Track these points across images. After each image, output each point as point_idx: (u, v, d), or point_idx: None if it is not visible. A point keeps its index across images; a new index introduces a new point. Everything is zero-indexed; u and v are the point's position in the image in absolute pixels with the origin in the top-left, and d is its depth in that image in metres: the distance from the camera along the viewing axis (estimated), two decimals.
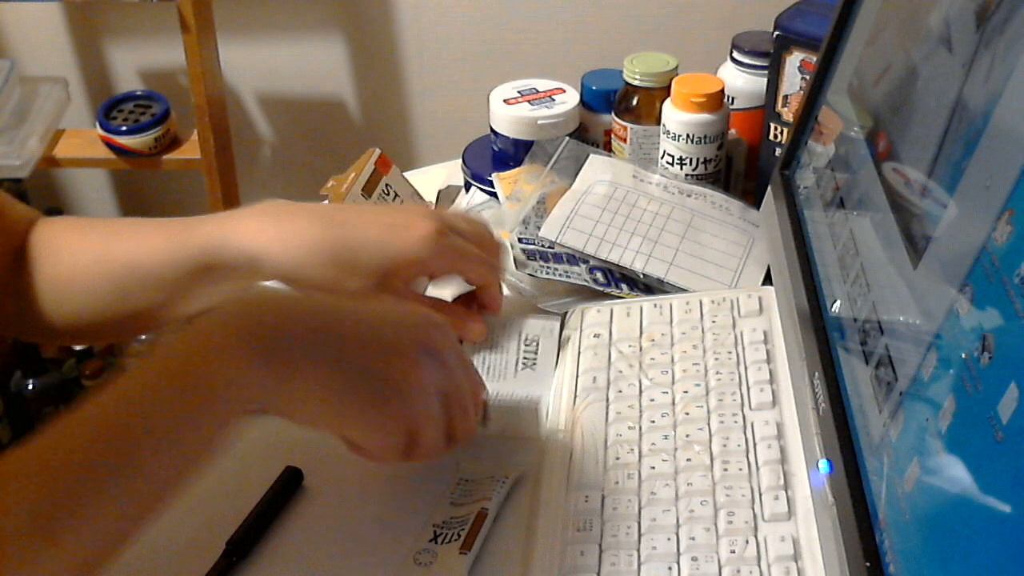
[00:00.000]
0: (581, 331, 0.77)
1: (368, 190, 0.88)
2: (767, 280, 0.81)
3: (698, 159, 0.89)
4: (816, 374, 0.61)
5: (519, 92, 0.99)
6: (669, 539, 0.60)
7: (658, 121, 0.91)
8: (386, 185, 0.90)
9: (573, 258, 0.83)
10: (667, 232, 0.84)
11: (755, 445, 0.65)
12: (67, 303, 0.73)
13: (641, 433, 0.67)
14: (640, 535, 0.60)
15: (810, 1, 0.87)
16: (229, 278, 0.69)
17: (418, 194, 0.94)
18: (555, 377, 0.75)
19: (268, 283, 0.68)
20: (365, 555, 0.64)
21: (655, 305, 0.78)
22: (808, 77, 0.81)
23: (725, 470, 0.63)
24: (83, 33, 1.91)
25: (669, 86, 0.90)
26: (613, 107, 0.95)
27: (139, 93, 1.77)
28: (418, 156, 1.95)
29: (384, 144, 1.00)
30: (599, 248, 0.83)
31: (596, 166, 0.90)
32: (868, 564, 0.49)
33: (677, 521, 0.61)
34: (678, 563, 0.58)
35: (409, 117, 1.94)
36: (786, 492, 0.62)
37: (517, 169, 0.92)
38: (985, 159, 0.47)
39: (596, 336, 0.76)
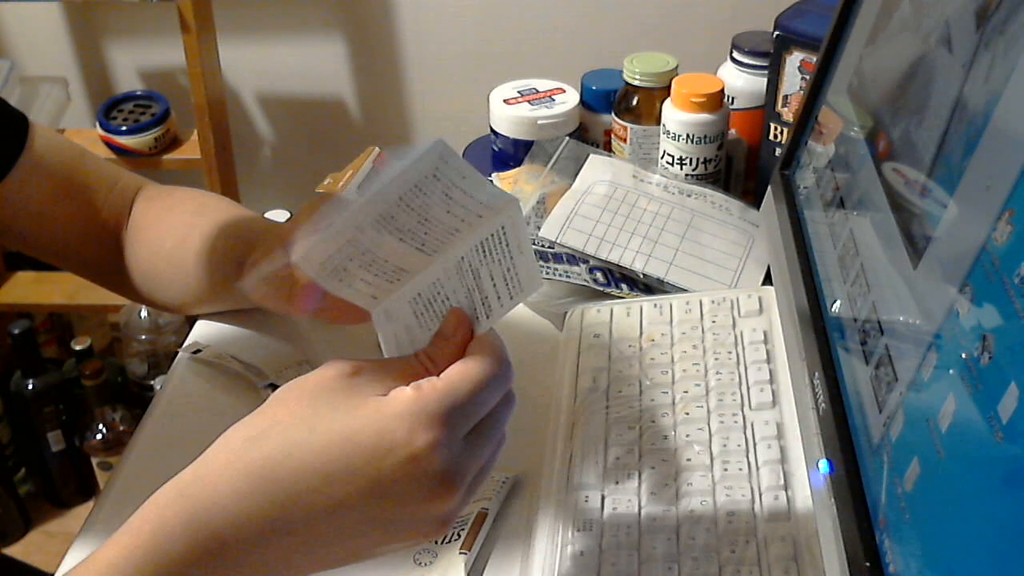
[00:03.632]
0: (581, 331, 0.77)
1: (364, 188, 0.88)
2: (767, 280, 0.81)
3: (698, 159, 0.89)
4: (816, 374, 0.61)
5: (519, 92, 0.99)
6: (669, 539, 0.60)
7: (658, 121, 0.91)
8: None
9: (573, 258, 0.83)
10: (667, 232, 0.84)
11: (755, 445, 0.65)
12: (150, 288, 0.79)
13: (641, 433, 0.67)
14: (640, 535, 0.60)
15: (810, 1, 0.87)
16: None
17: None
18: (555, 376, 0.75)
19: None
20: None
21: (655, 305, 0.78)
22: (808, 77, 0.81)
23: (725, 470, 0.63)
24: (83, 33, 1.91)
25: (669, 86, 0.90)
26: (613, 107, 0.95)
27: (139, 93, 1.77)
28: None
29: (384, 144, 0.99)
30: (599, 248, 0.83)
31: (596, 166, 0.90)
32: (868, 564, 0.49)
33: (677, 521, 0.61)
34: (678, 563, 0.58)
35: (409, 117, 1.94)
36: (786, 492, 0.62)
37: (517, 169, 0.92)
38: (985, 159, 0.47)
39: (596, 336, 0.76)
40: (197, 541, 0.45)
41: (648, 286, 0.83)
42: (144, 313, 1.73)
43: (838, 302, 0.63)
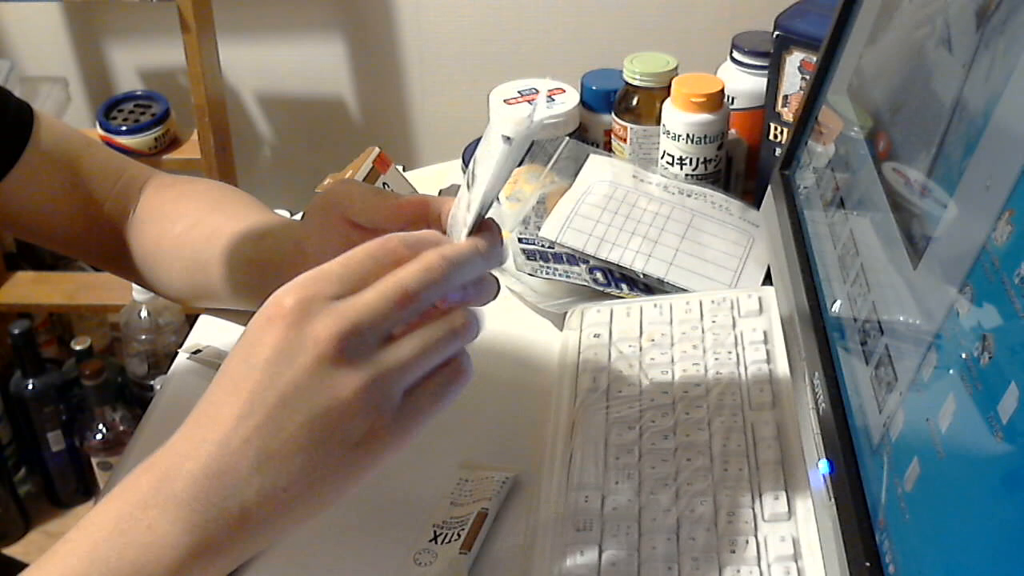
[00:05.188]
0: (581, 331, 0.77)
1: None
2: (767, 280, 0.81)
3: (698, 159, 0.89)
4: (816, 374, 0.61)
5: (519, 92, 0.99)
6: (669, 539, 0.60)
7: (658, 121, 0.91)
8: (383, 184, 0.90)
9: (573, 258, 0.83)
10: (667, 232, 0.84)
11: (755, 445, 0.65)
12: (153, 273, 0.79)
13: (641, 433, 0.67)
14: (640, 535, 0.60)
15: (810, 1, 0.87)
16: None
17: (416, 193, 0.94)
18: (555, 376, 0.75)
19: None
20: (365, 555, 0.64)
21: (655, 305, 0.78)
22: (808, 77, 0.81)
23: (725, 470, 0.63)
24: (83, 33, 1.91)
25: (669, 86, 0.90)
26: (613, 107, 0.95)
27: (139, 93, 1.77)
28: (418, 156, 1.95)
29: (384, 144, 1.00)
30: (599, 248, 0.83)
31: (596, 166, 0.90)
32: (868, 564, 0.49)
33: (677, 521, 0.61)
34: (678, 563, 0.58)
35: (409, 117, 1.94)
36: (786, 492, 0.62)
37: (517, 169, 0.92)
38: (985, 159, 0.47)
39: (596, 336, 0.76)
40: (150, 483, 0.46)
41: (648, 286, 0.83)
42: (144, 313, 1.73)
43: (838, 302, 0.63)
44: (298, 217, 0.72)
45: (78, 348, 1.69)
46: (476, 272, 0.51)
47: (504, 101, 0.97)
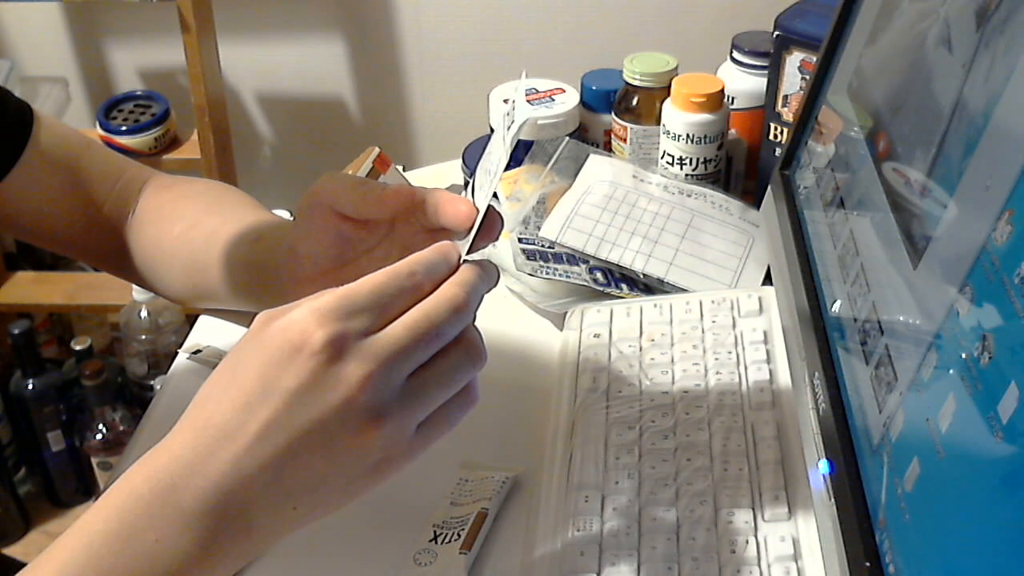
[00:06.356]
0: (581, 331, 0.77)
1: None
2: (767, 280, 0.81)
3: (698, 159, 0.89)
4: (816, 374, 0.61)
5: None
6: (669, 539, 0.60)
7: (658, 121, 0.91)
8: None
9: (573, 258, 0.83)
10: (667, 232, 0.84)
11: (755, 445, 0.65)
12: (152, 273, 0.79)
13: (641, 433, 0.67)
14: (640, 535, 0.60)
15: (810, 1, 0.87)
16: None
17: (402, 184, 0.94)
18: (555, 376, 0.75)
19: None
20: (365, 555, 0.64)
21: (655, 305, 0.78)
22: (808, 77, 0.81)
23: (725, 470, 0.63)
24: (83, 33, 1.91)
25: (669, 86, 0.90)
26: (613, 107, 0.95)
27: (139, 93, 1.77)
28: (418, 156, 1.95)
29: (384, 144, 0.99)
30: (599, 248, 0.83)
31: (596, 166, 0.90)
32: (868, 564, 0.49)
33: (677, 521, 0.61)
34: (678, 563, 0.58)
35: (409, 117, 1.94)
36: (786, 492, 0.62)
37: (517, 169, 0.92)
38: (985, 159, 0.47)
39: (596, 336, 0.76)
40: (154, 493, 0.46)
41: (648, 286, 0.83)
42: (144, 313, 1.73)
43: (838, 302, 0.63)
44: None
45: (78, 348, 1.69)
46: (490, 288, 0.52)
47: (504, 101, 0.97)
